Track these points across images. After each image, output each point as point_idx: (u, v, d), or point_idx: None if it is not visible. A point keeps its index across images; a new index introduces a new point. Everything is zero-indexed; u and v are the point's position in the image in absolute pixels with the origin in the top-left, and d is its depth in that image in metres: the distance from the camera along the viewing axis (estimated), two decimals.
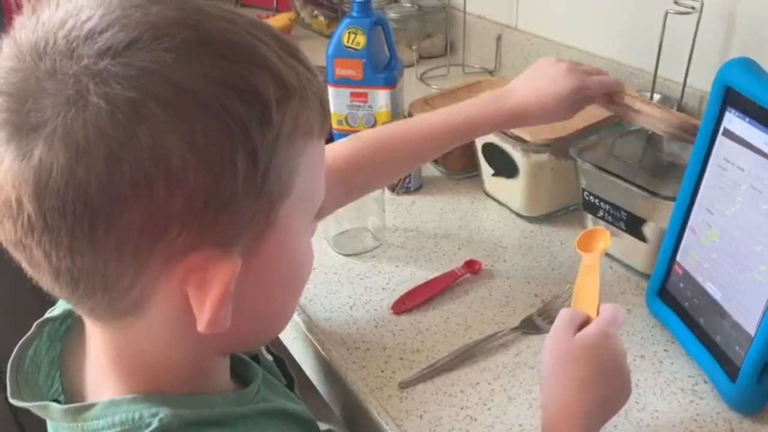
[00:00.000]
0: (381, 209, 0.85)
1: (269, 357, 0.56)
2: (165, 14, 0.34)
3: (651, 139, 0.85)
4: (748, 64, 0.59)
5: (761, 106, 0.56)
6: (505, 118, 0.70)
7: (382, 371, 0.65)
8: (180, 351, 0.41)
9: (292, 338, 0.75)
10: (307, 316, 0.73)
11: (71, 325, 0.47)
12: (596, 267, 0.58)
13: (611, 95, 0.73)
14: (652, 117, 0.71)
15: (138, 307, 0.37)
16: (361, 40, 0.97)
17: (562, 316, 0.54)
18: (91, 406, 0.40)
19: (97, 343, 0.42)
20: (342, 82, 1.00)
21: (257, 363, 0.52)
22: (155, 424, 0.38)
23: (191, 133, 0.33)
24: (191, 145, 0.33)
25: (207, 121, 0.33)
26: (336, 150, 0.67)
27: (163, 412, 0.39)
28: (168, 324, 0.38)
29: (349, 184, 0.67)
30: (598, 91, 0.71)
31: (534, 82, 0.70)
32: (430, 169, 1.01)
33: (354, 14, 0.98)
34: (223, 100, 0.33)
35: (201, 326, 0.37)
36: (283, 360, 0.58)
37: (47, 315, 0.48)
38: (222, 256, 0.36)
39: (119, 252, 0.34)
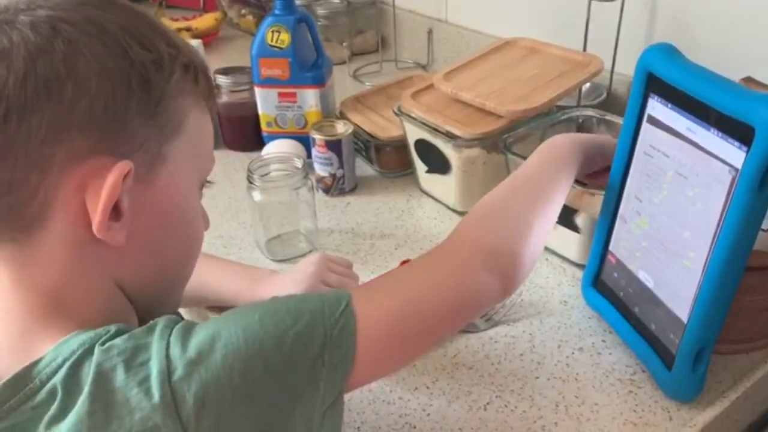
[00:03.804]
0: (312, 212, 0.82)
1: None
2: None
3: (581, 129, 0.85)
4: (667, 50, 0.59)
5: (682, 91, 0.55)
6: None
7: None
8: (90, 281, 0.42)
9: None
10: None
11: None
12: None
13: None
14: None
15: (42, 216, 0.39)
16: (285, 38, 0.94)
17: None
18: (36, 362, 0.38)
19: (12, 297, 0.41)
20: (268, 82, 0.97)
21: None
22: (113, 328, 0.39)
23: (97, 52, 0.39)
24: (97, 60, 0.39)
25: (111, 46, 0.40)
26: None
27: (116, 326, 0.39)
28: (70, 242, 0.40)
29: None
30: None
31: (283, 281, 0.69)
32: (365, 169, 0.99)
33: (277, 12, 0.95)
34: (127, 40, 0.41)
35: (94, 226, 0.39)
36: None
37: None
38: (115, 164, 0.39)
39: (27, 147, 0.38)
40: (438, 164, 0.86)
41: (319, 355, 0.40)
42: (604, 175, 0.66)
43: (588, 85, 0.99)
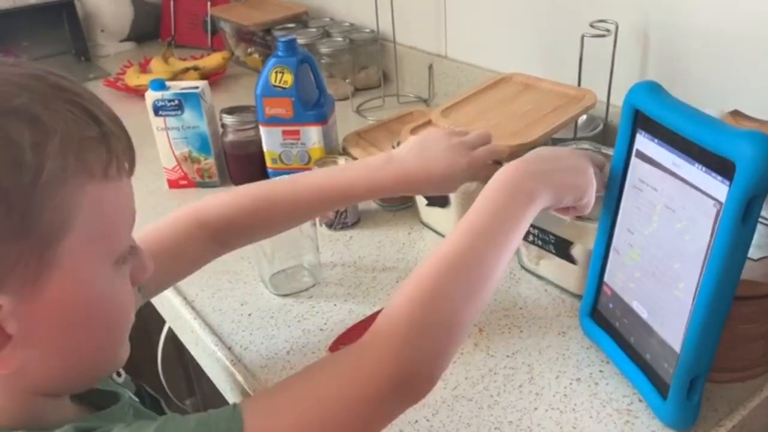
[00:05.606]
0: (315, 247, 0.84)
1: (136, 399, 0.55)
2: None
3: None
4: (652, 88, 0.61)
5: (666, 127, 0.57)
6: (389, 186, 0.70)
7: None
8: None
9: (230, 388, 0.73)
10: (243, 365, 0.71)
11: None
12: None
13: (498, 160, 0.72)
14: None
15: None
16: (288, 78, 0.97)
17: None
18: None
19: None
20: (272, 121, 1.00)
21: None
22: None
23: None
24: None
25: None
26: (209, 204, 0.67)
27: None
28: None
29: (223, 237, 0.67)
30: (484, 162, 0.70)
31: (422, 156, 0.69)
32: (367, 203, 1.01)
33: (279, 54, 0.98)
34: None
35: None
36: (159, 400, 0.56)
37: None
38: None
39: None
40: (437, 197, 0.88)
41: None
42: (576, 210, 0.63)
43: (584, 117, 1.01)
